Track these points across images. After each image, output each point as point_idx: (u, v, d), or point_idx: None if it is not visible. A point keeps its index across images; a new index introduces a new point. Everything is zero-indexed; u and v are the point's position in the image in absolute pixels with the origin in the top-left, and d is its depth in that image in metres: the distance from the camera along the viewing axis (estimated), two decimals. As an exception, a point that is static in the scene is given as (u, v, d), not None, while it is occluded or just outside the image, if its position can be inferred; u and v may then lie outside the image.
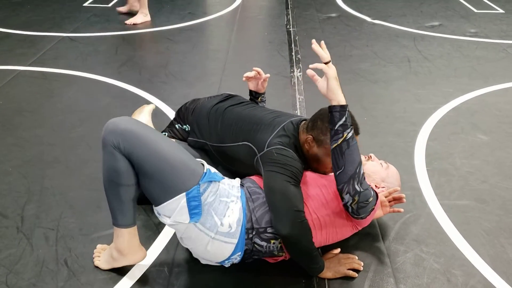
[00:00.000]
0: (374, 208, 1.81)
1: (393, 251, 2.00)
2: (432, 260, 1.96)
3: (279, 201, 1.71)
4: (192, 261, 1.91)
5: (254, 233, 1.74)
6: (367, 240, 2.05)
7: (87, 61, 3.98)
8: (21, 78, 3.63)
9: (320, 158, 1.91)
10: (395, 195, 2.03)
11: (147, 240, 2.02)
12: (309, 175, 1.92)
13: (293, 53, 4.19)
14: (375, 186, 2.02)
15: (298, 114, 3.02)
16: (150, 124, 2.19)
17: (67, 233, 2.06)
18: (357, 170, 1.68)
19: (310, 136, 1.89)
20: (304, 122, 2.00)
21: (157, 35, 4.64)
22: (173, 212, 1.64)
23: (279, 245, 1.77)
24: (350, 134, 1.66)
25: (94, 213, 2.19)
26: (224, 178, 1.82)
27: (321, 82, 1.73)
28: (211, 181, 1.71)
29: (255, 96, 2.37)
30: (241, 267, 1.88)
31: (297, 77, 3.69)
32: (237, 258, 1.79)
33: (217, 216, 1.68)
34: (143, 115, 2.26)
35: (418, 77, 3.76)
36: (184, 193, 1.62)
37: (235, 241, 1.71)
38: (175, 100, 3.20)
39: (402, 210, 2.03)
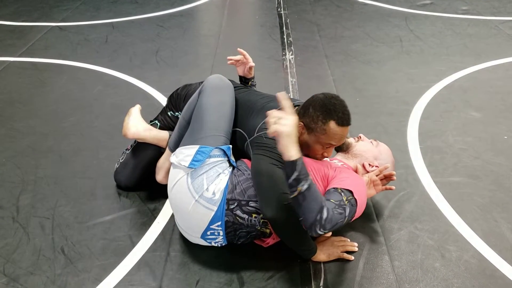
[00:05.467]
0: (354, 216, 1.78)
1: (387, 229, 2.02)
2: (426, 237, 1.97)
3: (265, 183, 1.72)
4: (187, 246, 1.93)
5: (235, 204, 1.78)
6: (362, 218, 2.06)
7: (77, 50, 3.95)
8: (11, 69, 3.61)
9: (310, 145, 1.90)
10: (386, 172, 2.03)
11: (142, 226, 2.04)
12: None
13: (285, 36, 4.16)
14: (369, 164, 2.03)
15: (291, 97, 3.01)
16: (142, 122, 2.20)
17: (62, 221, 2.07)
18: (318, 217, 1.60)
19: (301, 123, 1.88)
20: (296, 108, 1.99)
21: (147, 22, 4.60)
22: (181, 154, 1.86)
23: (261, 220, 1.80)
24: (305, 187, 1.60)
25: (89, 201, 2.19)
26: (234, 168, 1.89)
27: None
28: (224, 155, 1.88)
29: (244, 81, 2.37)
30: (236, 250, 1.90)
31: (289, 60, 3.68)
32: (220, 233, 1.81)
33: (206, 181, 1.80)
34: (133, 117, 2.20)
35: (411, 56, 3.75)
36: (199, 146, 1.85)
37: (215, 208, 1.77)
38: (167, 86, 3.19)
39: (394, 187, 2.03)
